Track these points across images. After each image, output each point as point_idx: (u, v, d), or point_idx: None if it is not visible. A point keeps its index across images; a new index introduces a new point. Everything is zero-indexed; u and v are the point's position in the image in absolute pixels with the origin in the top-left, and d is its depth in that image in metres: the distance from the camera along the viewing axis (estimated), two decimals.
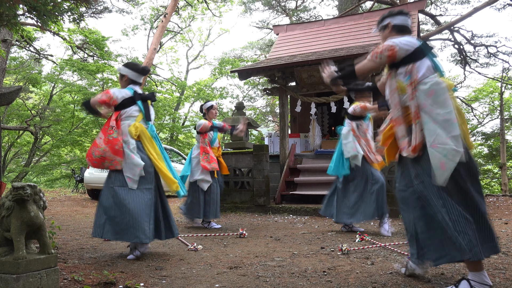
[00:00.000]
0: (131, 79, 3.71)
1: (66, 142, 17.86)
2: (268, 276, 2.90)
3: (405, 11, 2.80)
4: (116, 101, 3.59)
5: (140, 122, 3.65)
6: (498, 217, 6.55)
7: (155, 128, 3.95)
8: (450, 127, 2.39)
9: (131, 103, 3.62)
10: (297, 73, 8.54)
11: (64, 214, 7.49)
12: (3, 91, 3.34)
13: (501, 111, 18.44)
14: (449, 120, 2.40)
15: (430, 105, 2.44)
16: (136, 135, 3.60)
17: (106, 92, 3.62)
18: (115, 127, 3.57)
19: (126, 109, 3.61)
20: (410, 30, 2.74)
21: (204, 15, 23.13)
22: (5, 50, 11.35)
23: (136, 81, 3.73)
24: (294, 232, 5.18)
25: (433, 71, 2.52)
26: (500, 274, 2.88)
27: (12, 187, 2.19)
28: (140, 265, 3.28)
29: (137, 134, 3.60)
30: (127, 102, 3.61)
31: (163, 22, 14.57)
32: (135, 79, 3.72)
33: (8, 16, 4.89)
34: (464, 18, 15.05)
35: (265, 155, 7.50)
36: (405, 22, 2.73)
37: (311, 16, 21.09)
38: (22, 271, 2.11)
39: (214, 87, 23.69)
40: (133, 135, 3.57)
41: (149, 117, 3.72)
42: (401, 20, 2.72)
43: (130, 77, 3.70)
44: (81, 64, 16.41)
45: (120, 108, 3.61)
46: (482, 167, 21.99)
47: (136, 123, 3.62)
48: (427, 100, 2.45)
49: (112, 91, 3.61)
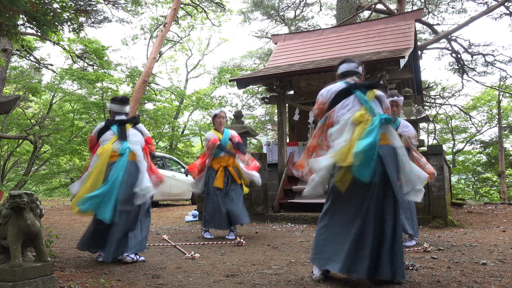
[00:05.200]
0: (114, 112, 4.09)
1: (66, 151, 17.88)
2: (264, 284, 2.91)
3: (349, 59, 3.21)
4: (95, 137, 3.99)
5: (114, 143, 3.85)
6: (496, 225, 6.55)
7: (153, 141, 4.05)
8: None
9: (105, 130, 3.97)
10: (295, 81, 8.59)
11: (62, 223, 7.48)
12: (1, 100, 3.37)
13: (499, 120, 18.51)
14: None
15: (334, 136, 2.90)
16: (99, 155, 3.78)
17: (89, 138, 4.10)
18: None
19: (102, 136, 3.96)
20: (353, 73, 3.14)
21: (204, 24, 23.32)
22: (5, 59, 11.42)
23: (120, 112, 4.09)
24: (292, 240, 5.18)
25: (356, 106, 2.93)
26: (496, 281, 2.88)
27: (9, 195, 2.21)
28: (137, 274, 3.28)
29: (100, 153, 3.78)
30: (102, 132, 3.98)
31: (162, 31, 14.68)
32: (119, 111, 4.08)
33: (8, 26, 4.94)
34: (461, 27, 15.18)
35: (263, 164, 7.52)
36: (347, 68, 3.16)
37: (309, 25, 21.26)
38: (18, 279, 2.12)
39: (213, 96, 23.79)
40: (98, 154, 3.80)
41: (123, 137, 3.90)
42: (343, 68, 3.18)
43: (114, 110, 4.09)
44: (81, 73, 16.49)
45: (99, 139, 3.99)
46: (481, 175, 22.01)
47: (106, 145, 3.83)
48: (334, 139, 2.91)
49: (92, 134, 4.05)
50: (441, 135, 24.30)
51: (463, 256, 3.86)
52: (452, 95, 21.22)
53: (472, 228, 6.35)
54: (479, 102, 21.32)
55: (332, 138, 2.91)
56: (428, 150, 6.60)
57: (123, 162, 3.69)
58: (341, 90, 2.98)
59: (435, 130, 23.26)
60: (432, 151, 6.58)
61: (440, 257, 3.84)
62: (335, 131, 2.90)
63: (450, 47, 16.85)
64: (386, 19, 10.14)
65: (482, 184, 22.37)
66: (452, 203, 9.07)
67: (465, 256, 3.89)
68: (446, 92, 21.24)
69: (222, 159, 5.47)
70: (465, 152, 23.40)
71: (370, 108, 2.90)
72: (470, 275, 3.09)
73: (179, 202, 12.68)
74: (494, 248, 4.30)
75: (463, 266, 3.42)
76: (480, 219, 7.29)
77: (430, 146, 6.72)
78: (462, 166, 22.24)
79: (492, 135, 21.57)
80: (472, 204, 10.15)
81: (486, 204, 9.82)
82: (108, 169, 3.69)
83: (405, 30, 9.14)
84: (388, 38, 9.05)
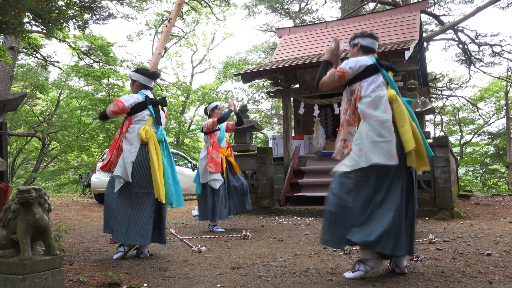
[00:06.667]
0: (142, 84, 3.87)
1: (73, 147, 18.04)
2: (269, 276, 2.94)
3: (375, 35, 3.11)
4: (129, 108, 3.73)
5: (150, 126, 3.78)
6: (503, 216, 6.53)
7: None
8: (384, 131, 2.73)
9: (142, 107, 3.76)
10: (300, 75, 8.59)
11: (71, 218, 7.58)
12: (8, 97, 3.43)
13: (507, 110, 18.35)
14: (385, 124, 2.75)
15: (370, 112, 2.81)
16: (146, 139, 3.69)
17: (117, 102, 3.72)
18: (125, 132, 3.74)
19: (138, 113, 3.76)
20: (375, 51, 3.08)
21: (208, 19, 23.29)
22: (12, 57, 11.51)
23: (147, 85, 3.88)
24: (297, 233, 5.21)
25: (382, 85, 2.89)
26: (500, 271, 2.89)
27: (18, 190, 2.26)
28: (145, 267, 3.34)
29: (147, 137, 3.70)
30: (139, 107, 3.75)
31: (167, 27, 14.71)
32: (146, 84, 3.88)
33: (14, 24, 4.99)
34: (467, 17, 15.03)
35: (269, 158, 7.55)
36: (372, 44, 3.07)
37: (314, 18, 21.15)
38: (28, 272, 2.17)
39: (219, 90, 23.80)
40: (143, 138, 3.68)
41: (159, 121, 3.85)
42: (369, 42, 3.07)
43: (142, 82, 3.86)
44: (87, 70, 16.58)
45: (131, 113, 3.76)
46: (489, 166, 21.86)
47: (146, 127, 3.74)
48: (369, 109, 2.82)
49: (123, 99, 3.74)
50: (448, 127, 24.14)
51: (468, 247, 3.87)
52: (459, 86, 21.04)
53: (478, 219, 6.34)
54: (487, 93, 21.14)
55: (364, 111, 2.84)
56: (434, 142, 6.58)
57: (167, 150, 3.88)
58: (370, 65, 2.91)
59: (442, 122, 23.11)
60: (438, 143, 6.57)
61: (445, 248, 3.86)
62: (366, 105, 2.83)
63: (456, 38, 16.69)
64: (391, 11, 10.08)
65: (490, 175, 22.23)
66: (459, 195, 9.05)
67: (470, 247, 3.89)
68: (453, 83, 21.08)
69: (222, 149, 5.71)
70: (473, 144, 23.25)
71: (395, 88, 2.92)
72: (474, 265, 3.10)
73: (186, 196, 12.76)
74: (500, 239, 4.30)
75: (468, 257, 3.43)
76: (487, 211, 7.27)
77: (436, 138, 6.70)
78: (470, 158, 22.10)
79: (500, 126, 21.39)
80: (480, 196, 10.12)
81: (493, 196, 9.78)
82: None
83: (410, 21, 9.08)
84: (393, 30, 9.00)
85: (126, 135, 3.72)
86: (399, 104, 2.83)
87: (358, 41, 3.07)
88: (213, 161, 5.51)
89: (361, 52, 3.05)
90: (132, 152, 3.65)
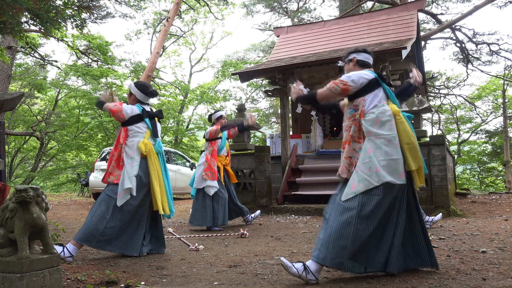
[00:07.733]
0: (138, 99, 3.88)
1: (72, 146, 18.04)
2: (266, 274, 2.97)
3: (369, 51, 3.13)
4: (125, 117, 3.75)
5: (148, 139, 3.81)
6: (499, 214, 6.57)
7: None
8: (391, 150, 2.74)
9: (139, 120, 3.79)
10: (298, 74, 8.60)
11: (69, 217, 7.60)
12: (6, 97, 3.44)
13: (504, 109, 18.42)
14: (391, 142, 2.76)
15: (375, 131, 2.78)
16: (146, 152, 3.74)
17: (119, 104, 3.78)
18: (123, 144, 3.76)
19: (133, 125, 3.78)
20: (371, 66, 3.10)
21: (207, 18, 23.25)
22: (10, 56, 11.51)
23: (143, 102, 3.90)
24: (295, 231, 5.24)
25: (383, 100, 2.88)
26: (494, 268, 2.92)
27: (15, 189, 2.28)
28: (142, 265, 3.36)
29: (146, 151, 3.74)
30: (135, 119, 3.78)
31: (165, 26, 14.70)
32: (143, 100, 3.90)
33: (11, 24, 5.00)
34: (465, 16, 15.06)
35: (266, 156, 7.57)
36: (367, 59, 3.09)
37: (312, 17, 21.17)
38: (26, 271, 2.19)
39: (217, 89, 23.79)
40: (143, 151, 3.73)
41: (156, 134, 3.89)
42: (364, 57, 3.08)
43: (138, 97, 3.88)
44: (85, 69, 16.58)
45: (127, 124, 3.78)
46: (486, 165, 21.93)
47: (145, 140, 3.77)
48: (373, 127, 2.79)
49: (124, 106, 3.77)
50: (446, 125, 24.20)
51: (464, 245, 3.90)
52: (456, 85, 21.09)
53: (474, 217, 6.37)
54: (484, 92, 21.18)
55: (369, 130, 2.80)
56: (431, 141, 6.62)
57: (163, 161, 3.93)
58: (372, 80, 2.90)
59: (440, 120, 23.16)
60: (434, 141, 6.60)
61: (441, 245, 3.89)
62: (371, 123, 2.81)
63: (454, 36, 16.72)
64: (388, 10, 10.10)
65: (487, 174, 22.30)
66: (456, 193, 9.09)
67: (466, 244, 3.93)
68: (451, 82, 21.12)
69: (221, 158, 5.80)
70: (470, 142, 23.31)
71: (396, 103, 2.93)
72: (469, 263, 3.13)
73: (184, 195, 12.77)
74: (495, 237, 4.33)
75: (463, 254, 3.46)
76: (484, 209, 7.31)
77: (432, 137, 6.73)
78: (467, 156, 22.16)
79: (497, 124, 21.45)
80: (477, 194, 10.16)
81: (490, 194, 9.82)
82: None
83: (408, 20, 9.11)
84: (390, 29, 9.03)
85: (126, 149, 3.74)
86: (402, 120, 2.83)
87: (354, 56, 3.09)
88: (210, 169, 5.56)
89: (358, 67, 3.06)
90: (134, 166, 3.70)
